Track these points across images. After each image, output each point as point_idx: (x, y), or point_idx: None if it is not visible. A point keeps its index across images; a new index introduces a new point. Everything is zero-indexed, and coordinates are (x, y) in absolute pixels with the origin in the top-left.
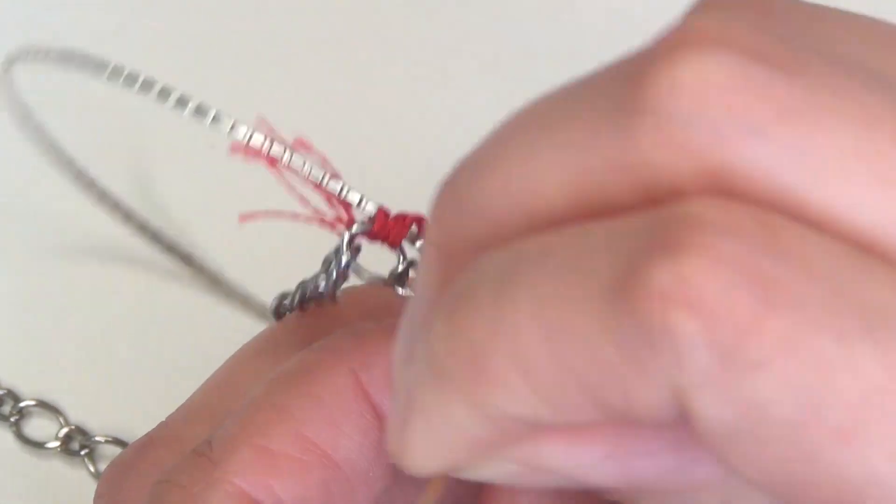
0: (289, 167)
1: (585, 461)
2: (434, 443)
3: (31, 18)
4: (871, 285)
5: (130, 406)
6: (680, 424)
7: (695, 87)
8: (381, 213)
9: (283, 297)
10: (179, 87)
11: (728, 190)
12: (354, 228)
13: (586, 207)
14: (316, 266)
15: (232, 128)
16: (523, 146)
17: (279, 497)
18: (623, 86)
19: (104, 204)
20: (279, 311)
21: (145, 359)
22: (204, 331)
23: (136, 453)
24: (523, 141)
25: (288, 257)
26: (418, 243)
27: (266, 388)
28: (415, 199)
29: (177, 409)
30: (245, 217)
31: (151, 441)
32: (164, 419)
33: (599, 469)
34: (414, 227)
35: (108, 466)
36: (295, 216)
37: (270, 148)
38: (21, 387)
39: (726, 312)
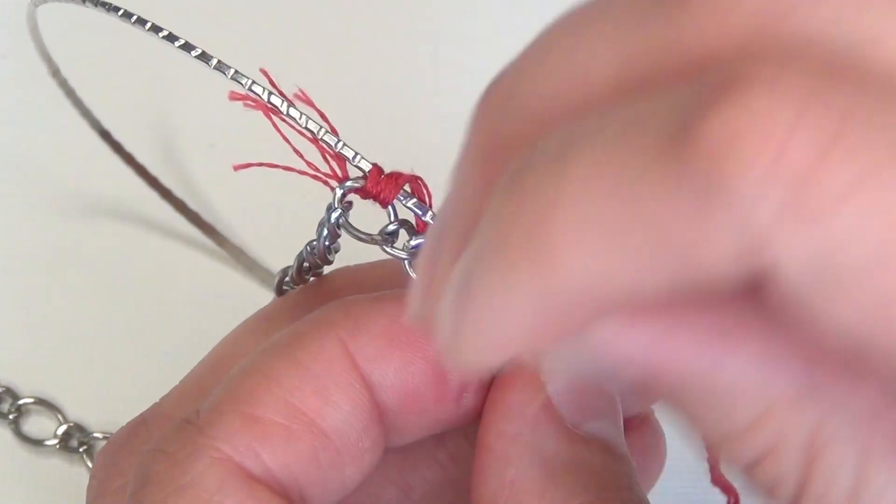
0: (285, 119)
1: (633, 346)
2: (494, 328)
3: None
4: None
5: (129, 403)
6: (745, 293)
7: None
8: (375, 169)
9: (285, 272)
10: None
11: (780, 55)
12: (347, 184)
13: (636, 88)
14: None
15: (233, 76)
16: (567, 37)
17: (266, 464)
18: None
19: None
20: (281, 287)
21: (144, 357)
22: (204, 329)
23: (128, 433)
24: (567, 32)
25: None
26: (411, 202)
27: (255, 357)
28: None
29: (171, 390)
30: (239, 167)
31: (144, 421)
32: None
33: (643, 354)
34: (407, 187)
35: (102, 447)
36: (288, 168)
37: (269, 98)
38: (20, 384)
39: (790, 152)
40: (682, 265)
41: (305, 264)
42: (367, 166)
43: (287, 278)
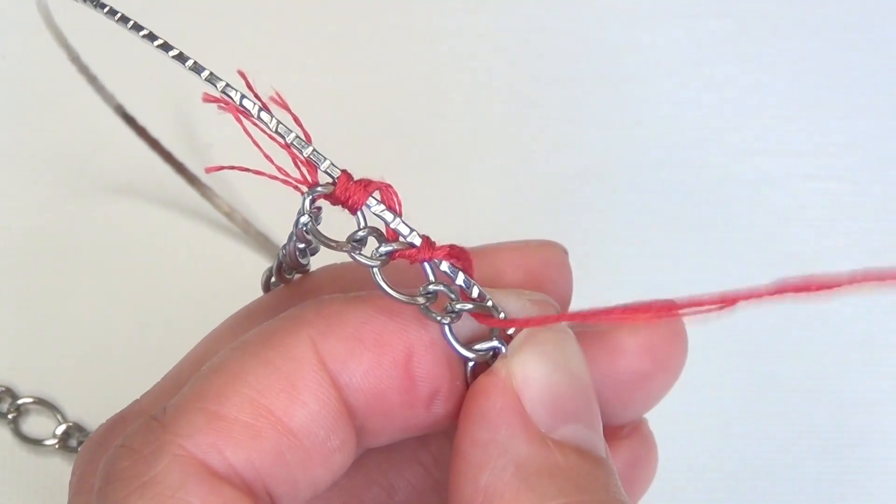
0: (256, 123)
1: None
2: None
3: None
4: None
5: (128, 403)
6: None
7: None
8: (344, 176)
9: (271, 270)
10: (169, 36)
11: None
12: (316, 189)
13: None
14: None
15: (207, 77)
16: None
17: (229, 461)
18: None
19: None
20: (268, 285)
21: (144, 357)
22: (204, 329)
23: (107, 430)
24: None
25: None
26: (379, 209)
27: (224, 355)
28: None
29: (152, 387)
30: (211, 169)
31: (123, 418)
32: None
33: None
34: (377, 194)
35: (83, 445)
36: (258, 173)
37: (241, 101)
38: (19, 384)
39: None
40: None
41: (284, 266)
42: (336, 173)
43: (272, 277)
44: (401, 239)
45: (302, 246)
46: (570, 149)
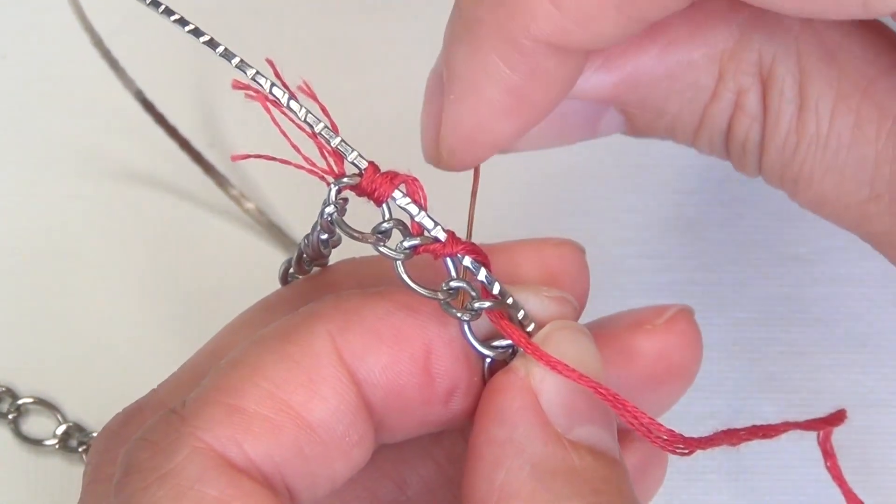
0: (285, 111)
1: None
2: (474, 111)
3: None
4: None
5: (128, 403)
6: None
7: None
8: (371, 167)
9: (289, 262)
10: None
11: None
12: (343, 180)
13: None
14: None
15: (238, 64)
16: None
17: (248, 454)
18: None
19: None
20: (286, 277)
21: (145, 357)
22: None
23: (123, 420)
24: None
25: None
26: (405, 202)
27: (244, 349)
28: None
29: (168, 377)
30: (237, 157)
31: (139, 408)
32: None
33: (621, 74)
34: (403, 187)
35: (98, 434)
36: (285, 162)
37: (270, 89)
38: (19, 384)
39: None
40: None
41: (304, 256)
42: (364, 164)
43: (291, 269)
44: (425, 233)
45: (325, 237)
46: (571, 148)
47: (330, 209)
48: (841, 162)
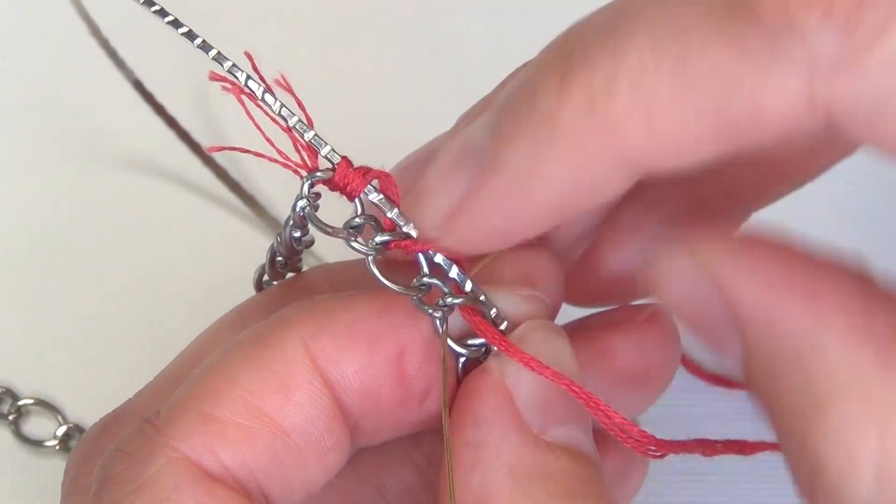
0: (259, 104)
1: (746, 287)
2: (518, 205)
3: None
4: None
5: None
6: (812, 130)
7: None
8: (344, 162)
9: (262, 268)
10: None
11: None
12: (316, 174)
13: None
14: None
15: (215, 56)
16: None
17: (224, 462)
18: None
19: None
20: (260, 283)
21: (145, 356)
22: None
23: (100, 430)
24: None
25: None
26: (377, 197)
27: (217, 357)
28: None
29: (145, 385)
30: (213, 149)
31: (116, 417)
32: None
33: (755, 304)
34: (375, 182)
35: (76, 443)
36: (259, 155)
37: (246, 82)
38: (20, 385)
39: None
40: (741, 116)
41: (278, 258)
42: (337, 159)
43: (265, 275)
44: (398, 230)
45: (297, 234)
46: None
47: (302, 203)
48: None
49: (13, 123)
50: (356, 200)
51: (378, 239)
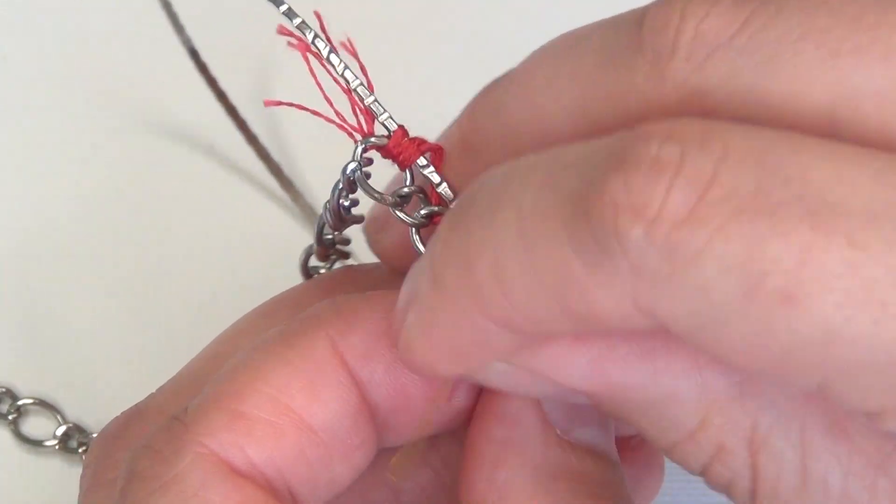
0: (324, 64)
1: (570, 368)
2: (434, 344)
3: None
4: (804, 164)
5: (129, 404)
6: (648, 331)
7: (678, 26)
8: (400, 130)
9: (309, 250)
10: None
11: (701, 108)
12: (370, 139)
13: (586, 131)
14: None
15: (286, 11)
16: (542, 75)
17: (251, 459)
18: (625, 29)
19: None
20: (306, 267)
21: (145, 356)
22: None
23: (122, 424)
24: (543, 70)
25: None
26: (428, 171)
27: (244, 354)
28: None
29: (168, 381)
30: (270, 102)
31: (139, 412)
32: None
33: (582, 376)
34: (428, 155)
35: (96, 437)
36: (315, 113)
37: (313, 40)
38: (19, 385)
39: (665, 212)
40: (578, 310)
41: (326, 235)
42: (394, 127)
43: (312, 255)
44: (445, 205)
45: (346, 203)
46: None
47: (353, 165)
48: None
49: (14, 126)
50: (406, 171)
51: (423, 211)
